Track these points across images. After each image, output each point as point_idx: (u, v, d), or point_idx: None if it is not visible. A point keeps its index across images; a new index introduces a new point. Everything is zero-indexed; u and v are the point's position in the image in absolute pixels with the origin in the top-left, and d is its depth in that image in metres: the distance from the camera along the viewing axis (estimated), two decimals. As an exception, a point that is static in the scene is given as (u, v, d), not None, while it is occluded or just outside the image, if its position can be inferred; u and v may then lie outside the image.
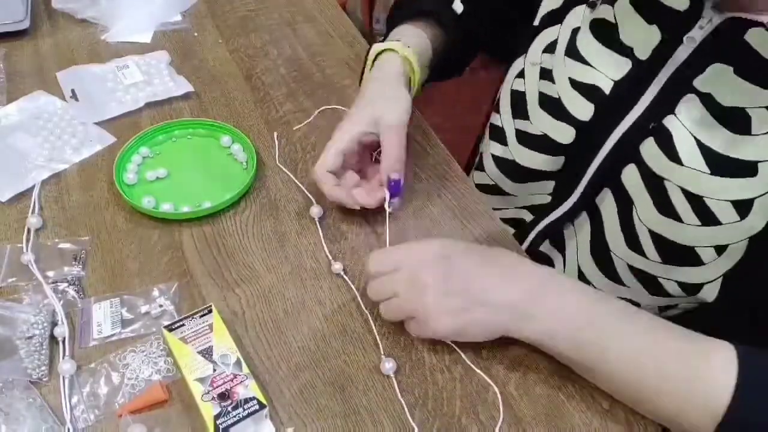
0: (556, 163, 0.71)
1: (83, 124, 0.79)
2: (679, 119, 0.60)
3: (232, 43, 0.93)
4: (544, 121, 0.70)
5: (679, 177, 0.60)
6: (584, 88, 0.66)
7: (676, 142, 0.60)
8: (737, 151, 0.57)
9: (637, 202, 0.64)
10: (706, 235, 0.60)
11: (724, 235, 0.59)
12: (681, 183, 0.60)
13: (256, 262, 0.66)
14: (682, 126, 0.59)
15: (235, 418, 0.52)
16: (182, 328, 0.58)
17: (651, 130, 0.62)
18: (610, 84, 0.64)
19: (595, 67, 0.65)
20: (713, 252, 0.60)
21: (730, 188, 0.57)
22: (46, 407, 0.54)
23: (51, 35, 0.92)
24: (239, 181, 0.73)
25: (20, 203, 0.70)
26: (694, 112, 0.59)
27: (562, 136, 0.69)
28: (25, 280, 0.63)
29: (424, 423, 0.56)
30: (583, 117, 0.66)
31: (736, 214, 0.58)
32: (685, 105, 0.59)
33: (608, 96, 0.64)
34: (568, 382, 0.59)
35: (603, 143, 0.65)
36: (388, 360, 0.58)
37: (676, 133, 0.60)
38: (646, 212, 0.63)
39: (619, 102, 0.64)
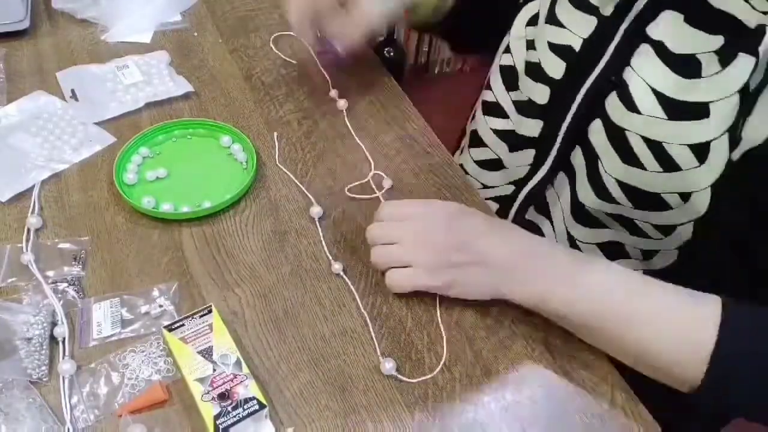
0: (536, 128, 0.73)
1: (83, 124, 0.79)
2: (635, 70, 0.62)
3: (232, 43, 0.93)
4: (528, 86, 0.73)
5: (638, 125, 0.62)
6: (558, 48, 0.69)
7: (633, 92, 0.62)
8: (689, 94, 0.59)
9: (603, 155, 0.66)
10: (668, 181, 0.61)
11: (686, 180, 0.61)
12: (640, 131, 0.62)
13: (256, 262, 0.66)
14: (638, 76, 0.62)
15: (235, 418, 0.52)
16: (182, 328, 0.58)
17: (612, 84, 0.64)
18: (580, 42, 0.67)
19: (567, 28, 0.68)
20: (678, 198, 0.62)
21: (686, 132, 0.59)
22: (45, 407, 0.54)
23: (51, 35, 0.92)
24: (239, 181, 0.73)
25: (20, 203, 0.70)
26: (648, 61, 0.61)
27: (540, 98, 0.71)
28: (25, 280, 0.63)
29: (424, 423, 0.56)
30: (556, 75, 0.69)
31: (695, 159, 0.59)
32: (640, 55, 0.62)
33: (577, 53, 0.67)
34: (567, 382, 0.59)
35: (573, 102, 0.68)
36: (387, 360, 0.58)
37: (633, 84, 0.62)
38: (611, 164, 0.65)
39: (586, 58, 0.66)
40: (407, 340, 0.61)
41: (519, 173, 0.77)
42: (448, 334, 0.62)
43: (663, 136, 0.60)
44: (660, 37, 0.61)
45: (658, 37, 0.61)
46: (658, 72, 0.60)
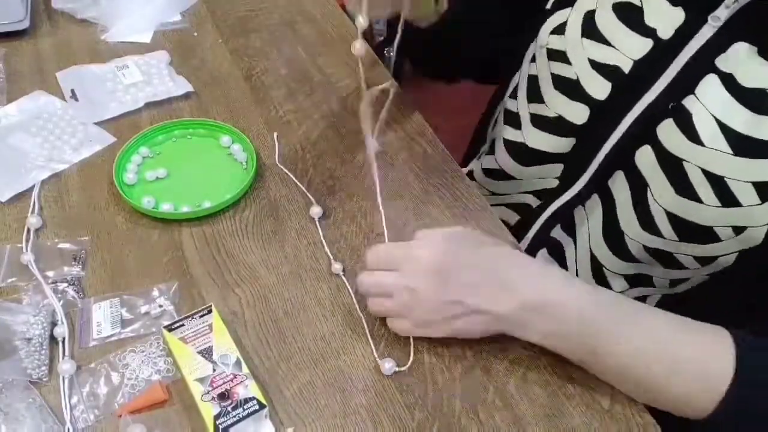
0: (567, 146, 0.70)
1: (83, 124, 0.79)
2: (699, 99, 0.59)
3: (232, 43, 0.93)
4: (559, 103, 0.69)
5: (700, 158, 0.59)
6: (604, 68, 0.65)
7: (696, 122, 0.59)
8: (760, 131, 0.56)
9: (652, 183, 0.63)
10: (725, 216, 0.59)
11: (744, 216, 0.59)
12: (702, 164, 0.59)
13: (256, 262, 0.66)
14: (703, 107, 0.58)
15: (234, 418, 0.52)
16: (182, 328, 0.58)
17: (669, 111, 0.61)
18: (630, 63, 0.63)
19: (615, 47, 0.64)
20: (731, 231, 0.60)
21: (753, 169, 0.57)
22: (45, 407, 0.54)
23: (51, 35, 0.92)
24: (239, 181, 0.73)
25: (20, 203, 0.70)
26: (715, 92, 0.58)
27: (577, 117, 0.68)
28: (25, 280, 0.63)
29: (424, 423, 0.56)
30: (600, 96, 0.65)
31: (758, 197, 0.57)
32: (706, 85, 0.59)
33: (627, 75, 0.63)
34: (568, 382, 0.59)
35: (618, 124, 0.64)
36: (387, 360, 0.58)
37: (696, 114, 0.59)
38: (663, 193, 0.62)
39: (638, 81, 0.63)
40: (407, 340, 0.61)
41: (543, 185, 0.75)
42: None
43: (726, 171, 0.58)
44: (730, 69, 0.57)
45: (728, 69, 0.57)
46: (726, 104, 0.57)
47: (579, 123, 0.68)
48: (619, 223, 0.68)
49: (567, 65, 0.68)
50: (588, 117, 0.67)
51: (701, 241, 0.62)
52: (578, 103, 0.67)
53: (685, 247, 0.64)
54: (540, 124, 0.73)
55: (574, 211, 0.72)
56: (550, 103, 0.71)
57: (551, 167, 0.73)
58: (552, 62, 0.70)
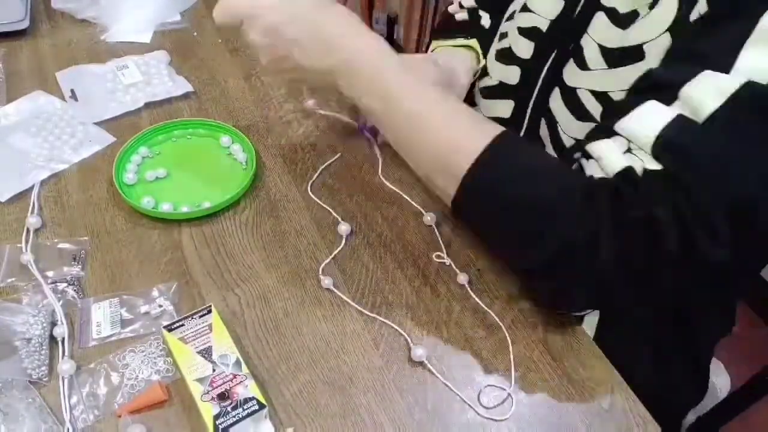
0: (508, 109, 0.77)
1: (83, 124, 0.79)
2: (590, 36, 0.66)
3: (232, 43, 0.93)
4: (498, 70, 0.78)
5: (587, 81, 0.66)
6: (527, 31, 0.73)
7: (586, 53, 0.66)
8: (625, 40, 0.62)
9: (561, 119, 0.69)
10: None
11: None
12: (588, 85, 0.65)
13: (256, 262, 0.66)
14: (592, 39, 0.65)
15: (234, 418, 0.52)
16: (182, 328, 0.58)
17: (571, 52, 0.68)
18: (547, 23, 0.71)
19: (537, 13, 0.72)
20: None
21: (625, 77, 0.60)
22: (45, 407, 0.54)
23: (50, 35, 0.92)
24: (239, 181, 0.73)
25: (19, 203, 0.70)
26: (600, 24, 0.65)
27: (511, 78, 0.76)
28: (25, 280, 0.63)
29: (424, 423, 0.56)
30: (525, 55, 0.74)
31: None
32: (595, 22, 0.65)
33: (545, 33, 0.72)
34: (568, 382, 0.59)
35: (539, 77, 0.72)
36: (418, 347, 0.59)
37: (587, 47, 0.66)
38: (569, 125, 0.68)
39: (552, 36, 0.71)
40: (407, 340, 0.61)
41: None
42: (447, 334, 0.62)
43: (607, 85, 0.64)
44: (612, 3, 0.64)
45: (611, 4, 0.64)
46: (607, 31, 0.64)
47: (513, 83, 0.76)
48: None
49: (505, 39, 0.77)
50: (519, 76, 0.75)
51: None
52: (512, 66, 0.76)
53: None
54: (487, 94, 0.81)
55: None
56: (493, 74, 0.80)
57: None
58: (497, 42, 0.80)
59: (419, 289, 0.65)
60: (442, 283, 0.65)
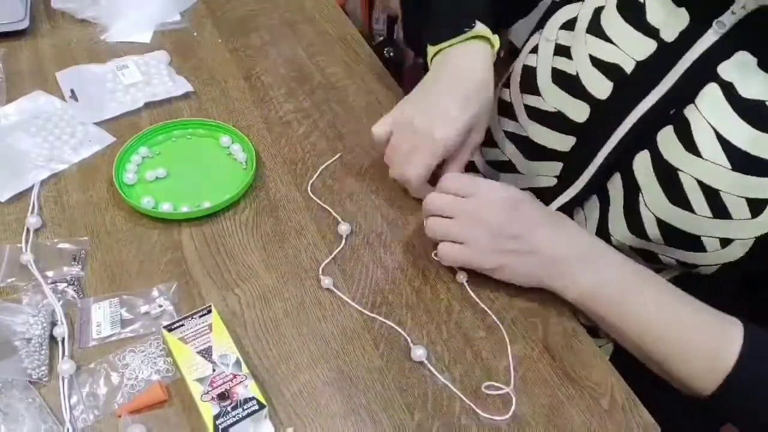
0: (567, 143, 0.70)
1: (83, 124, 0.79)
2: (699, 110, 0.58)
3: (232, 43, 0.93)
4: (559, 98, 0.69)
5: (697, 169, 0.59)
6: (605, 66, 0.64)
7: (695, 133, 0.58)
8: (758, 149, 0.56)
9: (645, 189, 0.63)
10: (714, 227, 0.60)
11: (733, 229, 0.59)
12: (698, 175, 0.59)
13: (256, 262, 0.66)
14: (703, 117, 0.58)
15: (234, 419, 0.52)
16: (182, 328, 0.58)
17: (669, 118, 0.60)
18: (633, 64, 0.62)
19: (618, 46, 0.63)
20: (718, 243, 0.61)
21: (748, 185, 0.57)
22: (45, 407, 0.54)
23: (50, 35, 0.92)
24: (239, 181, 0.73)
25: (19, 203, 0.70)
26: (715, 102, 0.57)
27: (577, 114, 0.67)
28: (25, 280, 0.63)
29: (424, 423, 0.56)
30: (601, 95, 0.65)
31: (749, 212, 0.58)
32: (706, 94, 0.58)
33: (629, 76, 0.63)
34: (568, 382, 0.59)
35: (618, 125, 0.64)
36: (418, 347, 0.59)
37: (695, 124, 0.58)
38: (654, 200, 0.62)
39: (640, 83, 0.62)
40: (406, 340, 0.61)
41: (541, 183, 0.74)
42: (447, 334, 0.62)
43: (723, 185, 0.58)
44: (731, 78, 0.57)
45: (729, 78, 0.57)
46: (726, 116, 0.57)
47: (579, 121, 0.67)
48: (608, 225, 0.68)
49: (568, 60, 0.67)
50: (588, 115, 0.66)
51: (687, 248, 0.63)
52: (579, 100, 0.67)
53: (671, 251, 0.65)
54: (538, 117, 0.72)
55: (573, 211, 0.72)
56: (546, 97, 0.70)
57: (551, 165, 0.72)
58: (555, 57, 0.69)
59: (419, 289, 0.65)
60: (442, 283, 0.65)
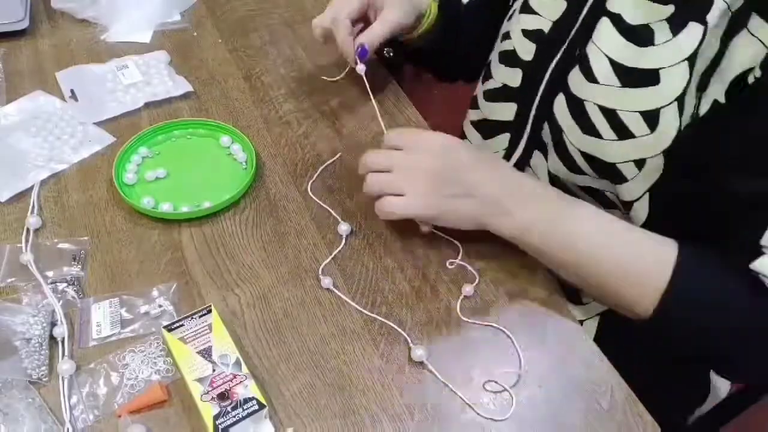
0: (510, 111, 0.76)
1: (82, 124, 0.79)
2: (596, 44, 0.64)
3: (232, 43, 0.93)
4: (503, 73, 0.76)
5: (596, 95, 0.64)
6: (530, 33, 0.72)
7: (592, 63, 0.64)
8: (641, 61, 0.61)
9: (566, 127, 0.68)
10: (624, 151, 0.63)
11: (640, 149, 0.62)
12: (597, 100, 0.64)
13: (256, 263, 0.66)
14: (599, 49, 0.63)
15: (234, 419, 0.52)
16: (181, 329, 0.58)
17: (576, 59, 0.66)
18: (549, 24, 0.70)
19: (539, 14, 0.71)
20: (634, 167, 0.64)
21: (638, 98, 0.61)
22: (45, 407, 0.54)
23: (50, 35, 0.92)
24: (239, 181, 0.73)
25: (19, 203, 0.70)
26: (607, 33, 0.63)
27: (513, 81, 0.74)
28: (25, 280, 0.63)
29: (424, 423, 0.56)
30: (527, 57, 0.72)
31: (646, 127, 0.61)
32: (600, 29, 0.64)
33: (546, 34, 0.70)
34: (567, 382, 0.59)
35: (542, 81, 0.70)
36: (418, 347, 0.59)
37: (593, 56, 0.64)
38: (574, 135, 0.67)
39: (555, 38, 0.69)
40: (406, 340, 0.61)
41: None
42: (447, 334, 0.62)
43: (617, 103, 0.62)
44: (618, 9, 0.62)
45: (617, 9, 0.63)
46: (616, 43, 0.62)
47: (515, 86, 0.74)
48: (552, 172, 0.73)
49: (508, 40, 0.75)
50: (521, 79, 0.73)
51: (613, 179, 0.66)
52: (514, 68, 0.74)
53: (606, 185, 0.68)
54: (490, 96, 0.79)
55: (524, 170, 0.76)
56: (496, 77, 0.78)
57: (503, 137, 0.78)
58: (500, 43, 0.78)
59: (419, 289, 0.65)
60: (442, 283, 0.65)
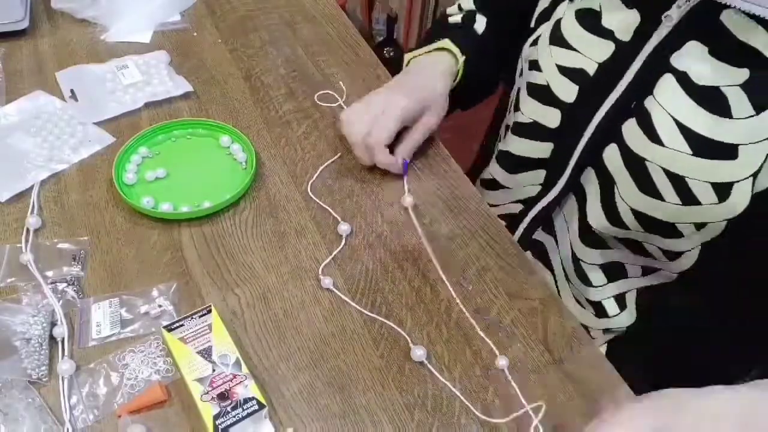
0: (545, 150, 0.73)
1: (82, 124, 0.79)
2: (657, 100, 0.61)
3: (232, 43, 0.93)
4: (533, 108, 0.72)
5: (661, 157, 0.61)
6: (570, 71, 0.68)
7: (656, 122, 0.61)
8: (718, 133, 0.58)
9: (619, 181, 0.65)
10: (686, 213, 0.61)
11: (704, 214, 0.61)
12: (662, 163, 0.61)
13: (256, 263, 0.66)
14: (661, 107, 0.61)
15: (234, 419, 0.52)
16: (181, 329, 0.58)
17: (632, 111, 0.63)
18: (595, 66, 0.66)
19: (579, 52, 0.67)
20: (693, 227, 0.62)
21: (711, 170, 0.58)
22: (45, 407, 0.54)
23: (50, 35, 0.92)
24: (239, 181, 0.73)
25: (19, 203, 0.70)
26: (672, 91, 0.60)
27: (550, 121, 0.71)
28: (25, 280, 0.63)
29: (424, 423, 0.56)
30: (569, 99, 0.68)
31: (716, 196, 0.59)
32: (663, 85, 0.61)
33: (592, 77, 0.66)
34: (568, 383, 0.59)
35: (588, 124, 0.67)
36: (418, 347, 0.59)
37: (655, 114, 0.61)
38: (627, 191, 0.65)
39: (602, 82, 0.65)
40: (406, 340, 0.61)
41: (527, 193, 0.78)
42: (447, 334, 0.62)
43: (686, 170, 0.59)
44: (684, 67, 0.59)
45: (682, 67, 0.59)
46: (684, 105, 0.59)
47: (552, 126, 0.70)
48: (587, 220, 0.71)
49: (539, 72, 0.71)
50: (560, 120, 0.70)
51: (665, 235, 0.65)
52: (550, 107, 0.70)
53: (652, 238, 0.67)
54: (518, 131, 0.76)
55: (552, 212, 0.75)
56: (525, 111, 0.74)
57: (534, 174, 0.76)
58: (528, 72, 0.73)
59: (419, 289, 0.65)
60: (442, 283, 0.65)
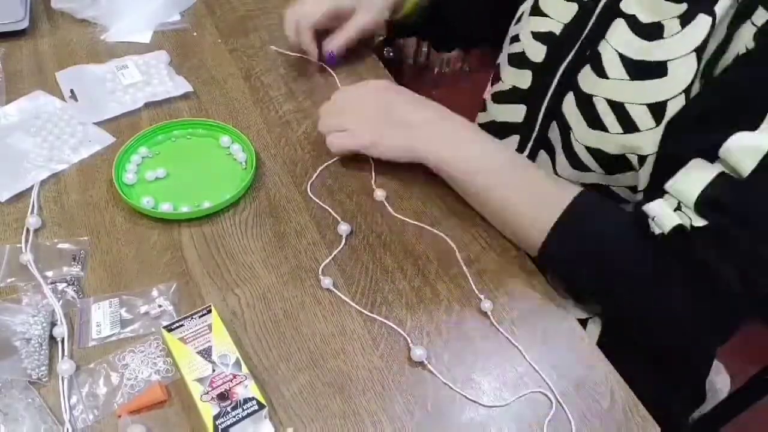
0: (519, 113, 0.78)
1: (82, 124, 0.79)
2: (608, 41, 0.66)
3: (232, 43, 0.93)
4: (512, 75, 0.78)
5: (604, 89, 0.66)
6: (542, 35, 0.74)
7: (604, 60, 0.66)
8: (651, 54, 0.62)
9: (574, 125, 0.69)
10: (629, 143, 0.65)
11: (644, 142, 0.63)
12: (605, 94, 0.65)
13: (256, 263, 0.66)
14: (610, 46, 0.65)
15: (234, 419, 0.52)
16: (181, 329, 0.58)
17: (587, 58, 0.68)
18: (561, 26, 0.72)
19: (551, 17, 0.73)
20: (637, 159, 0.65)
21: (645, 91, 0.62)
22: (45, 407, 0.54)
23: (50, 35, 0.92)
24: (238, 181, 0.73)
25: (19, 203, 0.70)
26: (620, 32, 0.65)
27: (523, 82, 0.76)
28: (24, 280, 0.63)
29: (424, 423, 0.56)
30: (538, 59, 0.74)
31: (653, 120, 0.62)
32: (614, 28, 0.65)
33: (558, 36, 0.72)
34: (567, 383, 0.59)
35: (552, 80, 0.72)
36: (417, 347, 0.59)
37: (605, 53, 0.66)
38: (580, 131, 0.69)
39: (566, 40, 0.71)
40: (406, 340, 0.61)
41: None
42: (447, 335, 0.62)
43: (625, 96, 0.64)
44: (632, 11, 0.64)
45: (631, 11, 0.64)
46: (629, 41, 0.64)
47: (525, 87, 0.76)
48: (557, 172, 0.74)
49: (517, 42, 0.77)
50: (531, 80, 0.75)
51: (621, 169, 0.68)
52: (524, 69, 0.76)
53: (614, 179, 0.70)
54: (499, 98, 0.81)
55: None
56: (505, 79, 0.80)
57: (512, 139, 0.80)
58: (509, 45, 0.79)
59: (419, 289, 0.65)
60: (442, 283, 0.65)
